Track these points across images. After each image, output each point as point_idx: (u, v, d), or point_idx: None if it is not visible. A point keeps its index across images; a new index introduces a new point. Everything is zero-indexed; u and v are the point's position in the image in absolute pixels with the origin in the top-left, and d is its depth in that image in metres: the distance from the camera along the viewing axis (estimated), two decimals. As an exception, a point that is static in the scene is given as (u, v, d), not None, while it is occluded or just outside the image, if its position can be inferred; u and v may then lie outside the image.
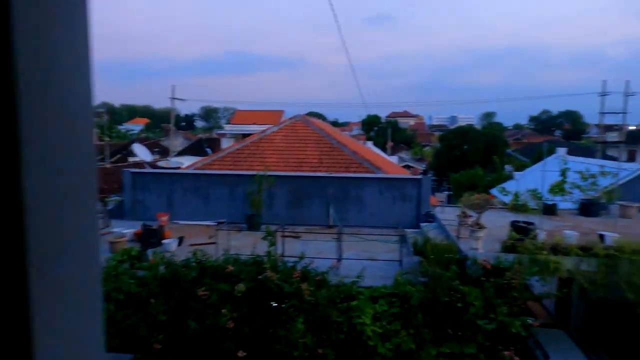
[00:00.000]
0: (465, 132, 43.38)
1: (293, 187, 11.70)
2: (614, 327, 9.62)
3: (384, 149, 51.93)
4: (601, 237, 7.77)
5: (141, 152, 15.95)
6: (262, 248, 7.56)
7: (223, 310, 6.30)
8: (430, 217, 10.98)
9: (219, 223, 11.57)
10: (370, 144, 35.68)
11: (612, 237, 7.66)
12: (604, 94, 34.07)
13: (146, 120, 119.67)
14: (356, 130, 79.55)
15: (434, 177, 37.07)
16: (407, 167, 39.90)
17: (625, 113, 33.92)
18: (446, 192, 30.84)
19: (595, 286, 7.08)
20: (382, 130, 63.35)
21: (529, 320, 7.01)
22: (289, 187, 11.70)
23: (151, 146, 53.44)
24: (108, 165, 27.06)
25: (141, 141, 56.74)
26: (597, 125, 45.73)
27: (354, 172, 13.12)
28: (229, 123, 62.11)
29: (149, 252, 8.12)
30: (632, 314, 7.62)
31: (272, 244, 7.30)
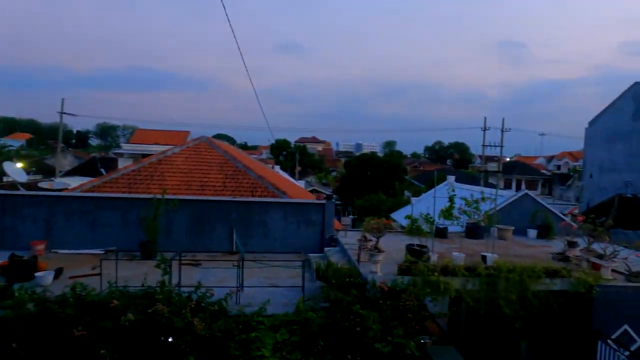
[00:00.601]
0: (368, 159, 45.71)
1: (194, 212, 11.08)
2: (495, 340, 10.55)
3: (292, 174, 52.47)
4: (484, 258, 8.52)
5: (13, 172, 13.92)
6: (156, 278, 6.94)
7: (102, 352, 5.58)
8: (334, 242, 11.15)
9: (108, 251, 10.48)
10: (278, 168, 35.77)
11: (492, 257, 8.45)
12: (485, 129, 38.59)
13: (28, 135, 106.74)
14: (265, 154, 79.56)
15: (339, 202, 38.20)
16: (315, 191, 40.69)
17: (502, 146, 38.77)
18: (351, 217, 31.91)
19: (478, 304, 7.70)
20: (291, 155, 64.13)
21: (424, 339, 7.35)
22: (190, 212, 11.07)
23: (34, 164, 47.54)
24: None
25: (22, 158, 50.21)
26: (480, 156, 51.47)
27: (259, 196, 12.91)
28: (128, 142, 58.03)
29: (15, 287, 6.98)
30: (510, 328, 8.42)
31: (165, 272, 6.73)
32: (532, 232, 12.94)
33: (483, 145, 39.17)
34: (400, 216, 22.77)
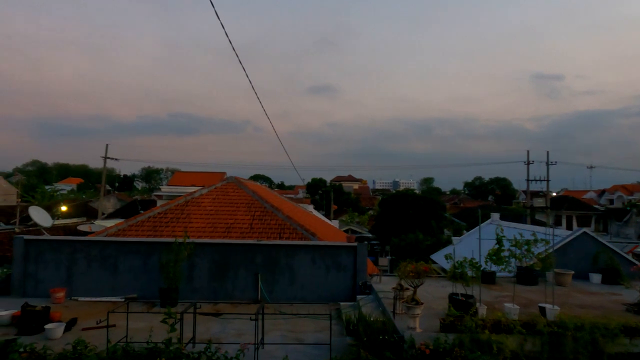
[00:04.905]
0: (404, 196, 44.29)
1: (217, 256, 10.45)
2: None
3: (328, 213, 51.60)
4: (542, 310, 7.26)
5: (39, 216, 14.00)
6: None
7: None
8: (367, 288, 10.13)
9: (128, 299, 9.94)
10: (311, 207, 35.13)
11: (553, 310, 7.17)
12: (528, 163, 36.57)
13: (80, 180, 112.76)
14: (302, 194, 79.59)
15: (375, 241, 36.73)
16: (351, 231, 39.49)
17: (549, 180, 36.46)
18: (389, 257, 30.37)
19: (541, 368, 6.41)
20: (326, 194, 63.57)
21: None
22: (213, 256, 10.44)
23: (79, 207, 49.43)
24: (18, 229, 24.02)
25: (70, 202, 52.42)
26: (524, 192, 48.67)
27: (287, 238, 12.16)
28: (167, 184, 59.61)
29: (22, 340, 6.44)
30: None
31: (173, 329, 5.99)
32: (596, 277, 11.37)
33: (527, 180, 37.00)
34: (440, 257, 21.25)
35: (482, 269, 8.66)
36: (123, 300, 9.87)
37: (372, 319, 7.42)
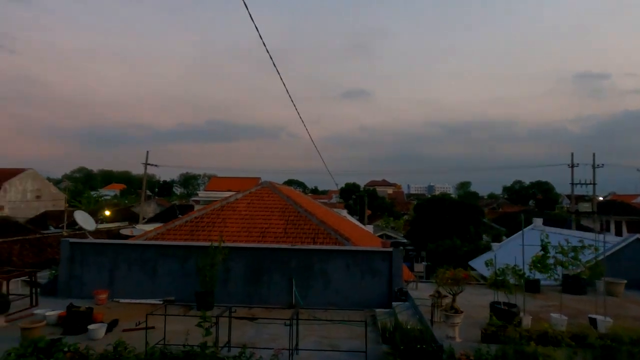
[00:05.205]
0: (440, 201, 43.30)
1: (252, 260, 10.51)
2: None
3: (362, 218, 51.21)
4: (593, 322, 6.81)
5: (83, 220, 14.63)
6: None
7: None
8: (403, 295, 9.87)
9: (166, 301, 10.14)
10: (345, 212, 34.94)
11: (605, 322, 6.71)
12: (572, 166, 34.85)
13: (122, 186, 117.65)
14: (335, 198, 79.45)
15: (410, 247, 36.04)
16: (386, 236, 38.99)
17: (595, 184, 34.59)
18: (424, 263, 29.71)
19: (593, 384, 5.98)
20: (360, 199, 63.15)
21: None
22: (248, 260, 10.51)
23: (122, 212, 51.48)
24: (65, 233, 25.25)
25: (113, 207, 54.73)
26: (568, 196, 46.44)
27: (321, 243, 12.09)
28: (204, 190, 61.07)
29: (67, 340, 6.68)
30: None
31: (208, 333, 6.03)
32: (651, 287, 10.61)
33: (572, 184, 35.25)
34: (479, 264, 20.55)
35: (525, 276, 8.26)
36: (161, 302, 10.09)
37: (408, 327, 7.19)
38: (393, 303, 9.67)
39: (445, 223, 38.28)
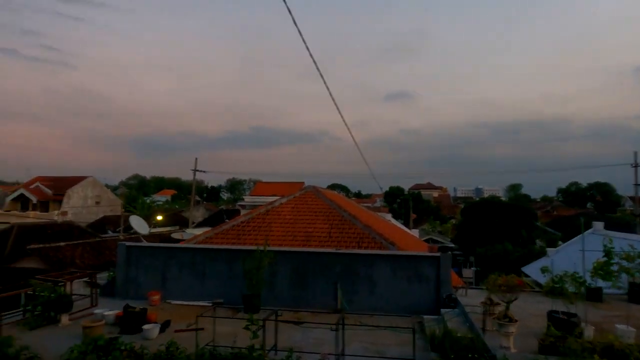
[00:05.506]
0: (489, 204, 41.67)
1: (297, 264, 10.58)
2: None
3: (407, 222, 50.34)
4: (665, 334, 6.25)
5: (138, 224, 15.38)
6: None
7: None
8: (452, 302, 9.54)
9: (215, 304, 10.42)
10: (389, 216, 34.46)
11: (679, 335, 6.14)
12: (636, 165, 32.41)
13: (173, 191, 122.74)
14: (379, 202, 78.64)
15: (458, 252, 34.92)
16: (432, 240, 38.06)
17: (663, 184, 31.92)
18: (474, 269, 28.68)
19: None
20: (405, 202, 62.12)
21: None
22: (293, 264, 10.59)
23: (172, 217, 53.70)
24: (122, 237, 26.65)
25: (164, 211, 57.25)
26: (632, 198, 43.18)
27: (366, 247, 11.97)
28: (249, 195, 62.54)
29: (123, 339, 7.02)
30: None
31: (255, 336, 6.11)
32: None
33: (635, 184, 32.76)
34: (532, 270, 19.52)
35: (586, 284, 7.73)
36: (210, 304, 10.37)
37: (458, 335, 6.94)
38: (441, 310, 9.38)
39: (495, 227, 36.80)
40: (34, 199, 46.58)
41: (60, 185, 49.46)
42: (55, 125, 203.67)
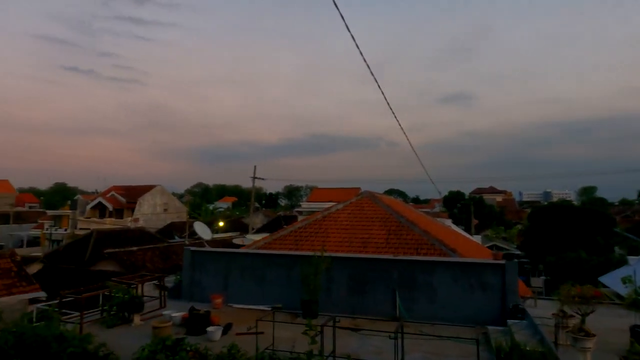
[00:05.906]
0: (560, 208, 38.94)
1: (354, 270, 10.52)
2: None
3: (468, 228, 48.37)
4: None
5: (201, 230, 16.10)
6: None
7: None
8: (520, 312, 8.99)
9: (274, 308, 10.62)
10: (449, 221, 33.31)
11: None
12: None
13: (234, 198, 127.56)
14: (438, 207, 76.33)
15: (525, 259, 32.93)
16: (496, 247, 36.24)
17: None
18: (543, 277, 26.88)
19: None
20: (466, 207, 59.78)
21: None
22: (350, 270, 10.55)
23: (233, 223, 55.77)
24: (187, 242, 28.08)
25: (226, 218, 59.64)
26: None
27: (424, 254, 11.64)
28: (306, 201, 63.40)
29: (188, 341, 7.36)
30: None
31: (313, 342, 6.13)
32: None
33: None
34: (612, 280, 17.92)
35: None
36: (270, 309, 10.59)
37: (528, 348, 6.51)
38: (508, 321, 8.87)
39: (566, 233, 34.30)
40: (110, 207, 50.46)
41: (132, 194, 53.22)
42: (128, 138, 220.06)
